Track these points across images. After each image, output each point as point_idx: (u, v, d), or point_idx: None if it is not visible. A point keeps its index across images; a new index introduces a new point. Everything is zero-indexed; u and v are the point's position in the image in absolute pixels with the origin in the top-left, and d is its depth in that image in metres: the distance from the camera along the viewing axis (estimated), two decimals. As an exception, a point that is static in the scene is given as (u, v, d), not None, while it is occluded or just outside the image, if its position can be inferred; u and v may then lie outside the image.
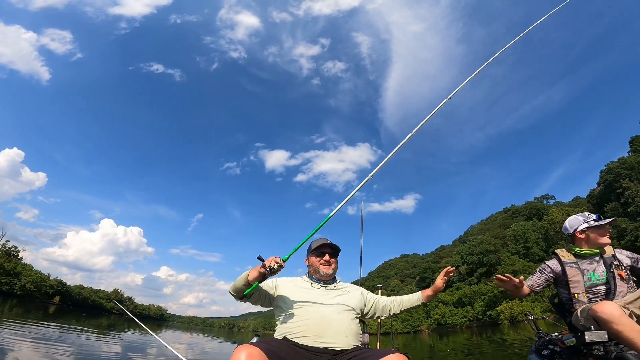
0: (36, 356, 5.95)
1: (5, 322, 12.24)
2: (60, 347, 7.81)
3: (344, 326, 1.92)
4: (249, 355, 1.45)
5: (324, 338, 1.84)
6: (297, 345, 1.80)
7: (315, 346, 1.80)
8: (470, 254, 64.42)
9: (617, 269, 2.42)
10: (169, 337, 23.11)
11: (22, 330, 10.66)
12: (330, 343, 1.83)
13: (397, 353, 1.56)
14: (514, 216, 78.71)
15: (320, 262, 2.20)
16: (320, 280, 2.19)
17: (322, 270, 2.19)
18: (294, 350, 1.73)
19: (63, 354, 6.68)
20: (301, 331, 1.86)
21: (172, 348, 4.65)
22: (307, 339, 1.83)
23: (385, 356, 1.54)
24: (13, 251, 60.50)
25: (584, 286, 2.46)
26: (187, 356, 9.81)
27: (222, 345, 21.43)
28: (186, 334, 32.07)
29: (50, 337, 9.78)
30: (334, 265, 2.23)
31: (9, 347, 6.45)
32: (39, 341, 8.31)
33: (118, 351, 8.54)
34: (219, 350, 16.04)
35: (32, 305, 36.61)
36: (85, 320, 24.30)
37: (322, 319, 1.91)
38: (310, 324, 1.88)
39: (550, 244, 56.59)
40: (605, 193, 55.26)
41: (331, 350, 1.80)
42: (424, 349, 20.29)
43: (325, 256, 2.21)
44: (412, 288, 78.88)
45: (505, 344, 16.24)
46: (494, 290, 50.42)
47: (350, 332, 1.94)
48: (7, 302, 30.08)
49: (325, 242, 2.25)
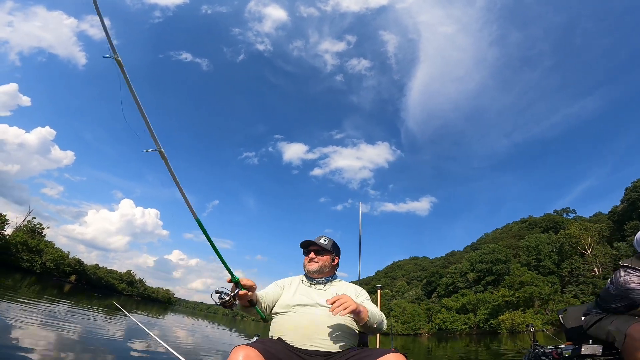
0: (32, 335, 6.15)
1: (19, 300, 12.98)
2: (62, 327, 8.18)
3: (335, 327, 1.87)
4: (246, 357, 1.44)
5: (314, 340, 1.80)
6: (290, 346, 1.78)
7: (306, 349, 1.77)
8: (480, 262, 63.41)
9: None
10: (172, 320, 23.84)
11: (34, 309, 11.30)
12: (320, 345, 1.79)
13: (395, 352, 1.53)
14: (531, 227, 76.87)
15: (307, 259, 2.23)
16: (311, 279, 2.20)
17: (307, 267, 2.21)
18: (289, 352, 1.72)
19: (62, 335, 6.96)
20: (292, 333, 1.85)
21: (164, 343, 4.78)
22: (298, 341, 1.81)
23: (383, 355, 1.52)
24: (38, 228, 61.83)
25: None
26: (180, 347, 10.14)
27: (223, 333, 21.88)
28: (190, 319, 32.93)
29: (57, 316, 10.37)
30: (320, 262, 2.19)
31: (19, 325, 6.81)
32: (47, 319, 8.83)
33: (114, 336, 8.96)
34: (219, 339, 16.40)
35: (49, 282, 38.13)
36: (96, 300, 25.32)
37: (312, 320, 1.88)
38: (300, 326, 1.86)
39: (563, 258, 55.10)
40: (628, 211, 53.38)
41: (323, 352, 1.77)
42: (422, 352, 20.28)
43: (311, 254, 2.23)
44: (417, 291, 78.23)
45: (501, 355, 16.07)
46: (498, 299, 49.57)
47: (342, 333, 1.88)
48: (26, 279, 31.43)
49: (307, 241, 2.26)
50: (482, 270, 62.48)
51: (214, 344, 12.56)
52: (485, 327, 48.96)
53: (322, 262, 2.19)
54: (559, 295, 45.77)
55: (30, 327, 6.75)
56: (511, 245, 68.88)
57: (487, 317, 49.48)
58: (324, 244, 2.24)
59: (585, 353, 2.27)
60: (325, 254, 2.22)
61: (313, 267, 2.18)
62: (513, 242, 71.79)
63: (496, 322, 45.77)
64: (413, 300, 72.28)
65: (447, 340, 35.89)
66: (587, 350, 2.26)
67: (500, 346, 22.03)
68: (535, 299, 46.22)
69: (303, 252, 2.30)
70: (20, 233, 56.58)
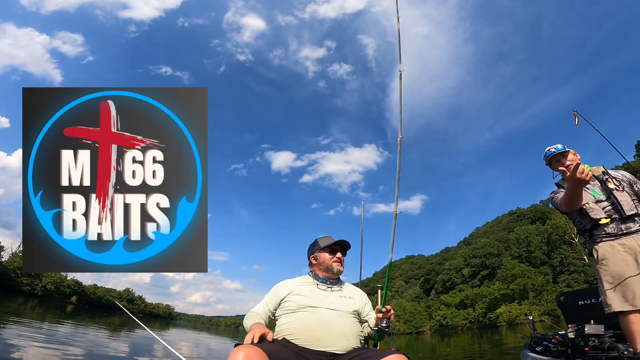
0: (41, 355, 6.20)
1: (24, 322, 12.86)
2: (68, 346, 8.17)
3: (345, 329, 1.87)
4: (246, 356, 1.41)
5: (325, 342, 1.79)
6: (297, 347, 1.76)
7: (314, 349, 1.76)
8: (473, 257, 63.81)
9: (608, 182, 2.43)
10: (174, 335, 23.59)
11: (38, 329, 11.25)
12: (331, 347, 1.79)
13: (397, 353, 1.53)
14: (519, 219, 77.24)
15: (333, 259, 2.11)
16: (327, 279, 2.10)
17: (335, 267, 2.09)
18: (293, 352, 1.70)
19: (70, 353, 7.02)
20: (302, 334, 1.82)
21: (173, 349, 4.91)
22: (308, 342, 1.78)
23: (385, 357, 1.52)
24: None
25: (590, 199, 2.44)
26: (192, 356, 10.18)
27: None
28: (193, 333, 32.53)
29: (61, 335, 10.33)
30: (343, 264, 2.15)
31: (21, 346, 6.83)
32: (50, 341, 8.81)
33: (124, 350, 8.97)
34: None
35: (51, 304, 37.49)
36: (99, 319, 24.95)
37: (323, 322, 1.86)
38: (310, 328, 1.83)
39: (552, 248, 55.86)
40: (607, 197, 54.26)
41: (330, 353, 1.78)
42: (426, 349, 20.40)
43: (338, 253, 2.12)
44: (416, 290, 78.16)
45: (503, 345, 16.34)
46: (494, 292, 50.03)
47: (352, 334, 1.89)
48: (29, 302, 30.89)
49: (338, 240, 2.17)
50: (476, 265, 62.78)
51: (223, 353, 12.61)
52: (485, 321, 49.20)
53: (343, 264, 2.17)
54: (551, 286, 46.37)
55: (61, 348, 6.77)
56: (502, 238, 69.36)
57: (486, 311, 49.75)
58: (349, 246, 2.20)
59: (588, 332, 2.43)
60: (344, 256, 2.19)
61: (342, 268, 2.14)
62: (504, 234, 72.19)
63: (494, 316, 46.11)
64: (412, 298, 72.20)
65: (450, 336, 35.96)
66: (590, 330, 2.42)
67: (501, 338, 22.27)
68: (529, 290, 46.79)
69: (325, 250, 2.14)
70: (17, 259, 55.77)
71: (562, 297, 3.34)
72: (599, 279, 2.30)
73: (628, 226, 2.29)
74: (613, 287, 2.18)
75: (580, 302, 3.32)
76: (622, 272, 2.16)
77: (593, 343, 2.47)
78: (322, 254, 2.14)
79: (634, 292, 2.10)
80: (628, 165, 49.51)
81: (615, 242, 2.28)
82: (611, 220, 2.33)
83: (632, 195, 2.39)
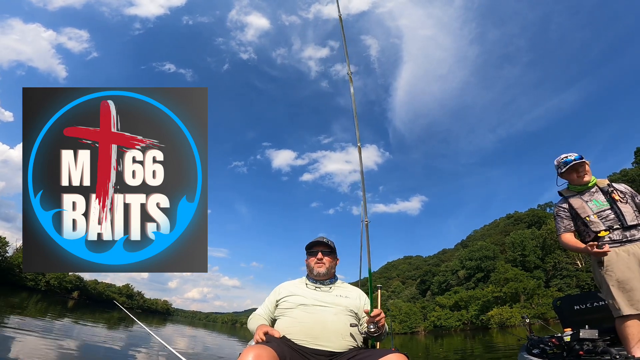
0: (41, 349, 6.18)
1: (29, 316, 12.83)
2: (68, 341, 8.13)
3: (340, 328, 1.85)
4: (257, 356, 1.40)
5: (320, 340, 1.78)
6: (295, 345, 1.77)
7: (311, 348, 1.76)
8: (469, 259, 63.87)
9: (614, 194, 2.50)
10: (171, 331, 23.51)
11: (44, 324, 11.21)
12: (327, 345, 1.77)
13: (397, 353, 1.51)
14: (516, 223, 77.13)
15: (314, 261, 2.10)
16: (316, 281, 2.08)
17: (315, 269, 2.08)
18: (293, 350, 1.70)
19: (67, 347, 6.95)
20: (298, 333, 1.81)
21: (170, 347, 4.88)
22: (304, 340, 1.78)
23: (384, 356, 1.50)
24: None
25: (592, 211, 2.52)
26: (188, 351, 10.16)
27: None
28: (190, 329, 32.42)
29: (62, 330, 10.30)
30: (328, 264, 2.09)
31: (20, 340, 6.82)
32: (48, 334, 8.76)
33: (120, 344, 8.94)
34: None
35: (53, 299, 37.53)
36: (99, 314, 24.88)
37: (318, 320, 1.85)
38: (306, 326, 1.83)
39: (546, 253, 55.90)
40: (607, 203, 54.22)
41: (328, 352, 1.76)
42: (420, 349, 20.36)
43: (318, 254, 2.09)
44: (412, 290, 78.17)
45: (495, 347, 16.30)
46: (487, 295, 50.02)
47: (348, 333, 1.85)
48: (32, 297, 30.92)
49: (317, 241, 2.14)
50: (472, 268, 62.84)
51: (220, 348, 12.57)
52: (477, 323, 49.19)
53: (329, 264, 2.10)
54: (542, 290, 46.37)
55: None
56: (498, 242, 69.40)
57: (478, 313, 49.78)
58: (331, 245, 2.14)
59: (583, 337, 2.45)
60: (329, 255, 2.12)
61: (322, 269, 2.07)
62: (500, 238, 72.22)
63: (486, 318, 46.09)
64: (408, 299, 72.23)
65: (443, 337, 35.95)
66: (584, 334, 2.43)
67: (491, 339, 22.26)
68: (521, 294, 46.77)
69: (308, 253, 2.15)
70: (21, 254, 55.74)
71: (558, 301, 3.35)
72: (604, 284, 2.36)
73: (632, 234, 2.40)
74: (620, 292, 2.27)
75: (576, 306, 3.34)
76: (627, 278, 2.25)
77: (587, 347, 2.48)
78: (308, 258, 2.16)
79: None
80: (625, 172, 49.89)
81: (619, 249, 2.37)
82: (612, 230, 2.43)
83: (634, 207, 2.50)
